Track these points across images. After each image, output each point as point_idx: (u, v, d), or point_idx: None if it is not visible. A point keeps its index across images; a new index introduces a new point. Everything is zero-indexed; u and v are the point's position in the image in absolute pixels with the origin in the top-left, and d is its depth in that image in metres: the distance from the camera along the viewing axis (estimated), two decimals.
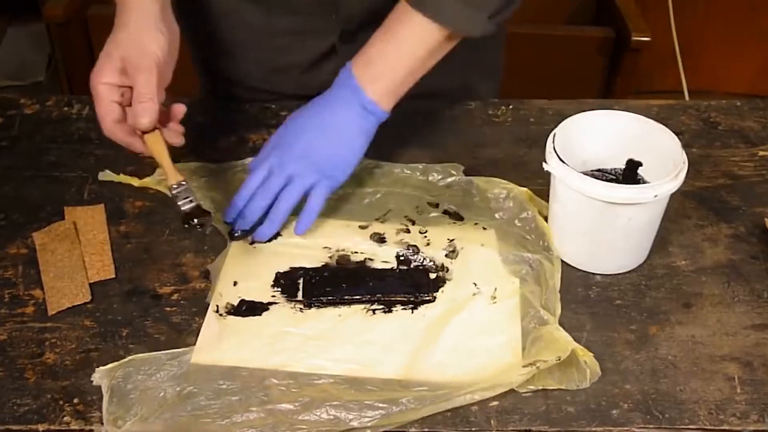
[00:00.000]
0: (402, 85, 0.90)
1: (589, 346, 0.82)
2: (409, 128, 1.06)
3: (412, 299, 0.86)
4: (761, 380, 0.80)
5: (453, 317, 0.85)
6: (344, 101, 0.89)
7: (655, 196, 0.83)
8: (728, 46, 2.43)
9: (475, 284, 0.88)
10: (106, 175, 1.01)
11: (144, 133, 0.86)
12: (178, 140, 0.88)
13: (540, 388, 0.78)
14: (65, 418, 0.76)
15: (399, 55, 0.88)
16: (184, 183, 0.86)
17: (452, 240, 0.92)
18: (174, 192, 0.86)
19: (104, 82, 0.84)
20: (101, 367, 0.79)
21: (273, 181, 0.90)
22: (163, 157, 0.86)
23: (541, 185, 0.96)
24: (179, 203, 0.86)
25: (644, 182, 0.92)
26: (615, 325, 0.85)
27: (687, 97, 2.28)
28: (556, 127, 0.90)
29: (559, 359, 0.78)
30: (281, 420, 0.75)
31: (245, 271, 0.89)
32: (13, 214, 0.96)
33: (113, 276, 0.88)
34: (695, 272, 0.91)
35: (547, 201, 0.93)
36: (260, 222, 0.92)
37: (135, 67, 0.84)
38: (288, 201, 0.90)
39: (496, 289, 0.87)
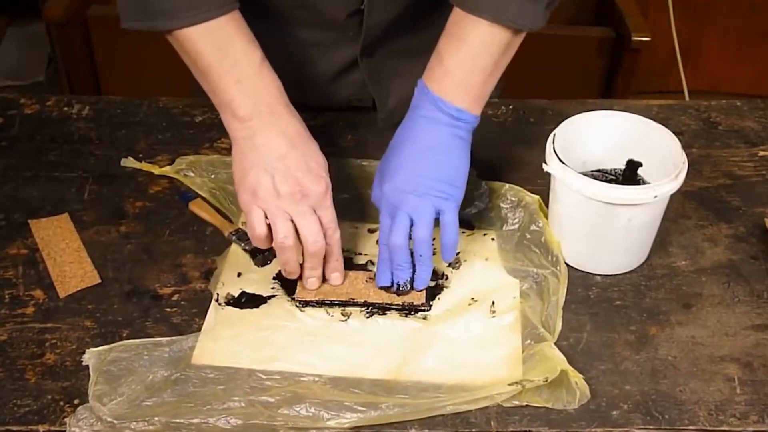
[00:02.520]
0: (484, 87, 0.86)
1: (590, 347, 0.82)
2: None
3: (407, 304, 0.86)
4: (761, 381, 0.80)
5: (448, 327, 0.84)
6: (431, 118, 0.85)
7: (655, 196, 0.83)
8: (728, 46, 2.43)
9: (473, 298, 0.87)
10: (128, 162, 1.02)
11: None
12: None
13: (525, 404, 0.77)
14: (65, 419, 0.75)
15: (473, 60, 0.84)
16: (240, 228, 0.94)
17: (458, 253, 0.91)
18: (234, 237, 0.93)
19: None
20: (92, 349, 0.80)
21: (399, 227, 0.85)
22: (211, 215, 0.96)
23: (541, 185, 0.96)
24: (241, 244, 0.92)
25: (644, 183, 0.92)
26: (615, 325, 0.85)
27: (687, 97, 2.28)
28: (556, 127, 0.90)
29: (546, 380, 0.77)
30: (260, 411, 0.75)
31: (250, 264, 0.90)
32: (13, 214, 0.96)
33: (99, 281, 0.88)
34: (695, 272, 0.91)
35: (547, 200, 0.93)
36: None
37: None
38: (424, 243, 0.85)
39: (494, 303, 0.86)
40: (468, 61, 0.84)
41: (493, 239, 0.94)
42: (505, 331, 0.84)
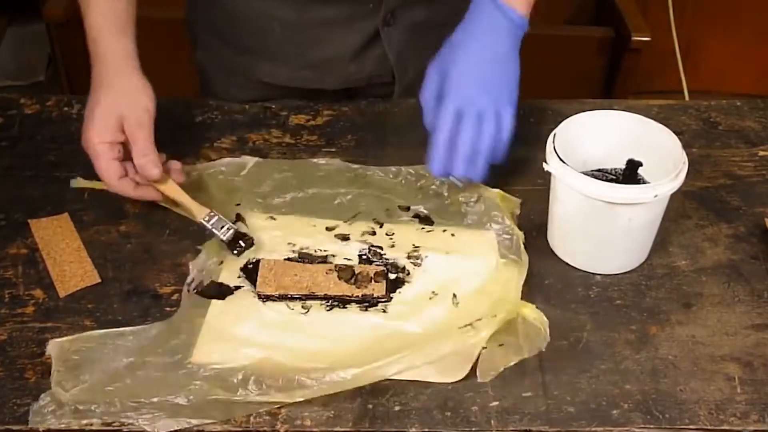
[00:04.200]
0: None
1: (590, 346, 0.82)
2: (408, 128, 1.06)
3: (366, 298, 0.86)
4: (761, 380, 0.80)
5: (409, 320, 0.84)
6: (495, 23, 0.90)
7: (655, 196, 0.83)
8: (728, 46, 2.43)
9: (434, 292, 0.87)
10: (78, 183, 0.99)
11: (155, 182, 0.91)
12: (181, 177, 0.93)
13: (502, 368, 0.79)
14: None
15: None
16: (213, 214, 0.92)
17: (417, 247, 0.92)
18: (209, 225, 0.91)
19: (105, 141, 0.88)
20: (55, 339, 0.81)
21: (467, 124, 0.90)
22: (181, 196, 0.93)
23: (541, 185, 0.96)
24: (218, 233, 0.91)
25: (644, 182, 0.92)
26: (615, 325, 0.85)
27: (687, 97, 2.28)
28: (556, 127, 0.90)
29: (495, 316, 0.79)
30: (217, 389, 0.76)
31: (219, 258, 0.91)
32: (13, 214, 0.96)
33: (98, 281, 0.88)
34: (695, 272, 0.91)
35: (547, 200, 0.93)
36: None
37: (135, 125, 0.89)
38: (489, 139, 0.90)
39: (455, 295, 0.86)
40: None
41: (453, 235, 0.94)
42: (469, 313, 0.84)
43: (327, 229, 0.94)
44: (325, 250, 0.92)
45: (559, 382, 0.79)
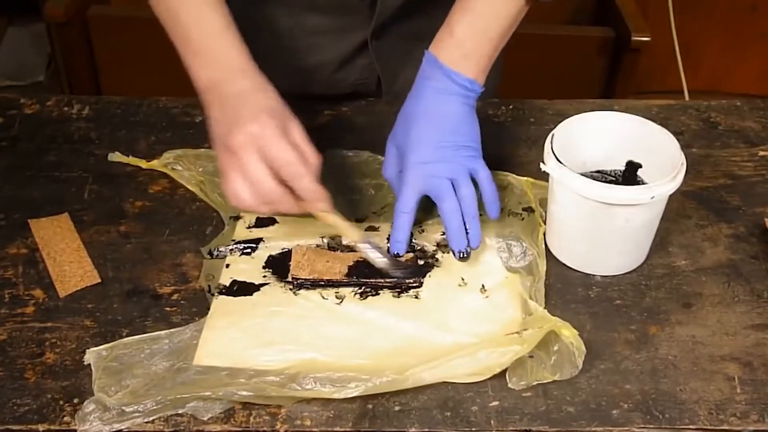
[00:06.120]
0: (491, 59, 0.89)
1: (590, 346, 0.82)
2: None
3: (398, 283, 0.87)
4: (761, 380, 0.80)
5: (441, 306, 0.85)
6: (443, 90, 0.87)
7: (652, 197, 0.83)
8: (728, 46, 2.43)
9: (462, 278, 0.88)
10: (116, 156, 1.02)
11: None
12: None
13: (535, 383, 0.78)
14: (65, 418, 0.76)
15: (484, 32, 0.87)
16: (368, 240, 0.89)
17: (444, 234, 0.92)
18: (365, 250, 0.88)
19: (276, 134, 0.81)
20: (92, 348, 0.80)
21: (447, 193, 0.87)
22: (337, 222, 0.87)
23: (540, 185, 0.96)
24: (373, 258, 0.88)
25: (643, 184, 0.92)
26: (615, 325, 0.85)
27: (687, 97, 2.28)
28: (555, 127, 0.90)
29: (540, 327, 0.79)
30: (264, 388, 0.76)
31: (236, 254, 0.91)
32: (13, 214, 0.96)
33: (98, 281, 0.88)
34: (695, 272, 0.91)
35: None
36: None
37: (300, 138, 0.83)
38: (472, 200, 0.88)
39: (483, 285, 0.87)
40: (479, 33, 0.86)
41: (481, 214, 0.94)
42: (500, 308, 0.85)
43: (357, 220, 0.95)
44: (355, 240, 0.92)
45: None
